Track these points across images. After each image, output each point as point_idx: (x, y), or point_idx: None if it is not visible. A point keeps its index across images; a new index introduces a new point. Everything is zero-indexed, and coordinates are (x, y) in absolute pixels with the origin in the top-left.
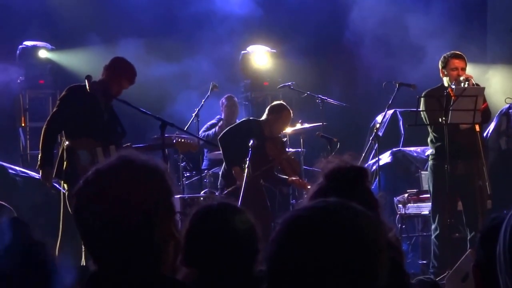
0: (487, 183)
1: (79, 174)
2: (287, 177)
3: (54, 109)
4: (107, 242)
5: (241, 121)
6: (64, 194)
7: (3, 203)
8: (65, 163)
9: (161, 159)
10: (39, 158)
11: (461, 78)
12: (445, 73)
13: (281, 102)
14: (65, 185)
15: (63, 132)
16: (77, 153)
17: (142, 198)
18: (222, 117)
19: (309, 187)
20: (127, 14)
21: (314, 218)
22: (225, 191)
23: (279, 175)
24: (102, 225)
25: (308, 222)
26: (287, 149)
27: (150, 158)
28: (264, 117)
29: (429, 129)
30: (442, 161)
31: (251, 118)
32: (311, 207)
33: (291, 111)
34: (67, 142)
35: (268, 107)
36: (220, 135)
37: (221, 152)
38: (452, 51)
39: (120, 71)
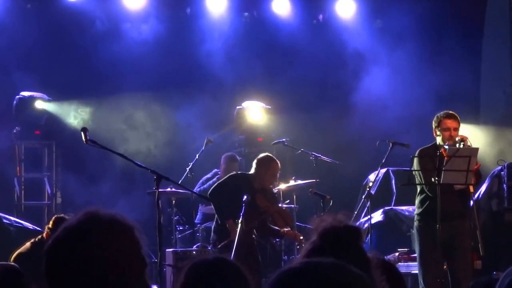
0: (479, 245)
1: None
2: (279, 228)
3: None
4: None
5: (228, 177)
6: None
7: None
8: None
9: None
10: None
11: (457, 139)
12: (438, 132)
13: (268, 154)
14: None
15: None
16: None
17: (114, 252)
18: (220, 172)
19: (301, 238)
20: (124, 70)
21: (306, 273)
22: (219, 245)
23: (271, 226)
24: (74, 281)
25: (299, 275)
26: (278, 201)
27: (117, 213)
28: (252, 170)
29: (424, 189)
30: (430, 222)
31: (238, 172)
32: (305, 262)
33: (279, 162)
34: None
35: (255, 160)
36: (210, 191)
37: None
38: (445, 111)
39: None
